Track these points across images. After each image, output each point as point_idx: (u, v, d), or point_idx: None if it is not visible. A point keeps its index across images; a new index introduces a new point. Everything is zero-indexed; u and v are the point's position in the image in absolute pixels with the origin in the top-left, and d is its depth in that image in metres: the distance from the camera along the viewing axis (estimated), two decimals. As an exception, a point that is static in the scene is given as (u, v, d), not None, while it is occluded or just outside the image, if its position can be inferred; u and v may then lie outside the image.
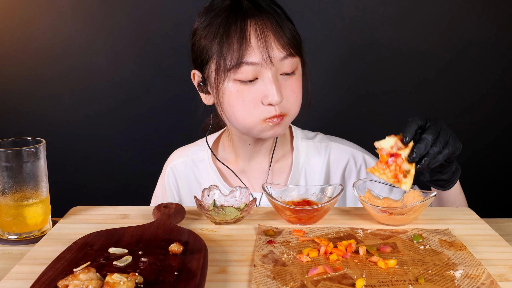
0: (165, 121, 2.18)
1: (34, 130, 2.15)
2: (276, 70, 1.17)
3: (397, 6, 2.07)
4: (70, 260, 0.86)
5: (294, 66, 1.19)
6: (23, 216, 1.06)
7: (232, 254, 0.95)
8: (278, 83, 1.16)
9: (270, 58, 1.15)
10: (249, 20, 1.16)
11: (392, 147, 1.03)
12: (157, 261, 0.85)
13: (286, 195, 1.14)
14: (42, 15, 2.09)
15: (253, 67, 1.15)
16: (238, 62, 1.14)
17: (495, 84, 2.12)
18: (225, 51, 1.15)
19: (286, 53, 1.17)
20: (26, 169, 1.05)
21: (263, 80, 1.16)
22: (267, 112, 1.17)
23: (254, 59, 1.14)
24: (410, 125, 1.03)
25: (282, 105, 1.18)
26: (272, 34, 1.16)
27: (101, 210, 1.17)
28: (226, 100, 1.19)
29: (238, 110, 1.18)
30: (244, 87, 1.16)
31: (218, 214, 1.06)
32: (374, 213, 1.06)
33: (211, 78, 1.21)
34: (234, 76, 1.16)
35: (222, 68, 1.16)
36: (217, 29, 1.17)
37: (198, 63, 1.24)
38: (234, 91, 1.17)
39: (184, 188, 1.41)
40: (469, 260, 0.91)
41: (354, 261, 0.91)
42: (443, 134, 1.04)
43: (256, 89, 1.16)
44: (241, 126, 1.21)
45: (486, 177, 2.19)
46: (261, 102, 1.17)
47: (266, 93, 1.16)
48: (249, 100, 1.17)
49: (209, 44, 1.18)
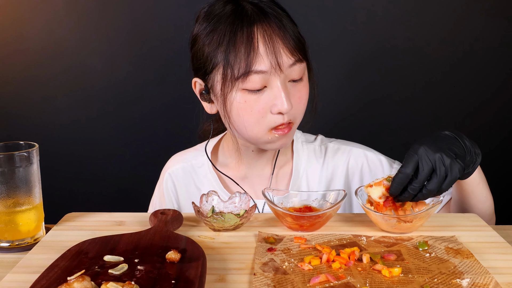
0: (162, 124, 2.18)
1: (27, 133, 2.16)
2: (285, 77, 1.16)
3: (402, 8, 2.08)
4: (64, 268, 0.86)
5: (301, 72, 1.19)
6: (15, 223, 1.06)
7: (231, 262, 0.95)
8: (287, 91, 1.16)
9: (279, 65, 1.14)
10: (255, 26, 1.14)
11: (380, 197, 1.06)
12: (154, 270, 0.85)
13: (287, 201, 1.14)
14: (35, 14, 2.10)
15: (261, 75, 1.13)
16: (246, 71, 1.13)
17: (502, 85, 2.13)
18: (232, 60, 1.14)
19: (295, 59, 1.16)
20: (18, 174, 1.05)
21: (271, 88, 1.15)
22: (273, 122, 1.17)
23: (263, 67, 1.13)
24: (396, 177, 1.03)
25: (290, 113, 1.17)
26: (280, 40, 1.14)
27: (96, 216, 1.17)
28: (234, 111, 1.18)
29: (247, 120, 1.17)
30: (252, 97, 1.15)
31: (217, 220, 1.06)
32: (380, 220, 1.06)
33: (216, 88, 1.19)
34: (242, 86, 1.14)
35: (229, 78, 1.15)
36: (222, 36, 1.15)
37: (200, 72, 1.22)
38: (242, 102, 1.16)
39: (183, 195, 1.41)
40: (476, 268, 0.91)
41: (358, 269, 0.91)
42: (439, 164, 1.01)
43: (264, 98, 1.15)
44: (248, 137, 1.21)
45: (493, 182, 2.17)
46: (270, 111, 1.16)
47: (275, 101, 1.15)
48: (257, 110, 1.16)
49: (214, 52, 1.17)
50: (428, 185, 1.02)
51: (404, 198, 1.04)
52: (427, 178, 1.02)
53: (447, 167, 1.01)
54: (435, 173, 1.01)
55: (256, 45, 1.13)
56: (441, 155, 1.01)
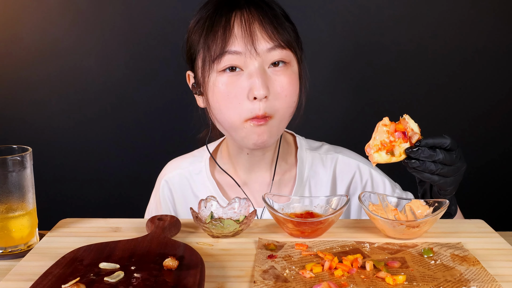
0: (159, 127, 2.18)
1: (20, 137, 2.16)
2: (262, 61, 1.18)
3: (406, 6, 2.08)
4: (58, 276, 0.86)
5: (284, 59, 1.20)
6: (8, 229, 1.06)
7: (230, 270, 0.95)
8: (264, 76, 1.17)
9: (254, 47, 1.16)
10: (234, 11, 1.19)
11: (388, 137, 1.09)
12: (151, 277, 0.86)
13: (288, 207, 1.14)
14: (27, 14, 2.10)
15: (236, 56, 1.17)
16: (221, 52, 1.17)
17: (511, 89, 2.13)
18: (210, 43, 1.19)
19: (274, 44, 1.18)
20: (11, 179, 1.05)
21: (248, 72, 1.17)
22: (249, 111, 1.17)
23: (237, 48, 1.16)
24: (439, 138, 1.09)
25: (268, 105, 1.17)
26: (258, 24, 1.18)
27: (91, 222, 1.18)
28: (211, 95, 1.20)
29: (224, 106, 1.19)
30: (229, 79, 1.18)
31: (216, 227, 1.06)
32: (387, 226, 1.06)
33: (198, 75, 1.24)
34: (218, 67, 1.18)
35: (207, 61, 1.19)
36: (203, 23, 1.21)
37: (189, 62, 1.28)
38: (219, 85, 1.19)
39: (180, 202, 1.41)
40: (482, 276, 0.91)
41: (361, 277, 0.91)
42: (452, 169, 1.11)
43: (241, 82, 1.18)
44: (228, 126, 1.22)
45: (501, 187, 2.20)
46: (247, 97, 1.17)
47: (251, 86, 1.17)
48: (234, 95, 1.18)
49: (197, 39, 1.22)
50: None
51: (416, 154, 1.07)
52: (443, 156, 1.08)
53: (462, 161, 1.12)
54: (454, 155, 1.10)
55: (231, 27, 1.17)
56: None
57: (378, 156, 1.08)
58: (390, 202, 1.13)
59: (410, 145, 1.07)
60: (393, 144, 1.08)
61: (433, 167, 1.08)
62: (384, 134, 1.08)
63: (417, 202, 1.11)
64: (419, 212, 1.09)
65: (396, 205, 1.14)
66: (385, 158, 1.08)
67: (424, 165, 1.08)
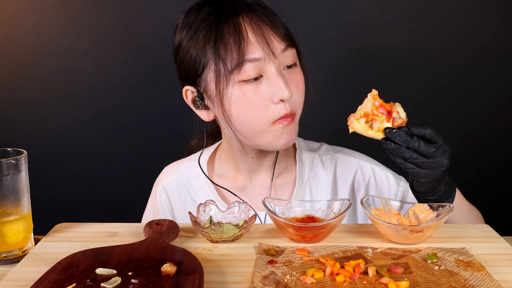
0: (156, 130, 2.18)
1: (15, 140, 2.16)
2: (280, 63, 1.19)
3: (409, 6, 2.08)
4: (54, 281, 0.86)
5: (294, 58, 1.22)
6: (2, 234, 1.07)
7: (230, 275, 0.95)
8: (284, 77, 1.18)
9: (272, 51, 1.16)
10: (240, 16, 1.18)
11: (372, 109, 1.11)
12: (149, 283, 0.86)
13: (289, 211, 1.14)
14: (23, 14, 2.10)
15: (256, 63, 1.16)
16: (240, 62, 1.15)
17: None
18: (222, 54, 1.16)
19: (286, 44, 1.19)
20: (6, 183, 1.05)
21: (268, 76, 1.17)
22: (277, 113, 1.18)
23: (256, 55, 1.16)
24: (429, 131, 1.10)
25: (291, 102, 1.19)
26: (268, 27, 1.18)
27: (88, 227, 1.18)
28: (234, 108, 1.19)
29: (249, 114, 1.18)
30: (250, 88, 1.17)
31: (215, 231, 1.06)
32: (390, 231, 1.06)
33: (210, 89, 1.21)
34: (237, 78, 1.16)
35: (223, 73, 1.16)
36: (207, 33, 1.18)
37: (190, 77, 1.24)
38: (240, 95, 1.17)
39: (178, 208, 1.40)
40: (487, 282, 0.91)
41: (363, 282, 0.91)
42: (428, 162, 1.10)
43: (263, 88, 1.17)
44: (254, 133, 1.21)
45: (506, 191, 2.20)
46: (271, 101, 1.18)
47: (274, 89, 1.17)
48: (258, 102, 1.17)
49: (202, 51, 1.19)
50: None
51: (394, 136, 1.08)
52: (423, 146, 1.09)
53: (444, 157, 1.11)
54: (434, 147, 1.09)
55: (245, 34, 1.16)
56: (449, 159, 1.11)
57: (357, 123, 1.11)
58: (393, 206, 1.13)
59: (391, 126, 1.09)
60: (375, 118, 1.09)
61: (407, 154, 1.08)
62: (369, 106, 1.10)
63: (420, 206, 1.11)
64: (423, 216, 1.10)
65: (399, 209, 1.14)
66: (363, 126, 1.10)
67: (399, 149, 1.08)
